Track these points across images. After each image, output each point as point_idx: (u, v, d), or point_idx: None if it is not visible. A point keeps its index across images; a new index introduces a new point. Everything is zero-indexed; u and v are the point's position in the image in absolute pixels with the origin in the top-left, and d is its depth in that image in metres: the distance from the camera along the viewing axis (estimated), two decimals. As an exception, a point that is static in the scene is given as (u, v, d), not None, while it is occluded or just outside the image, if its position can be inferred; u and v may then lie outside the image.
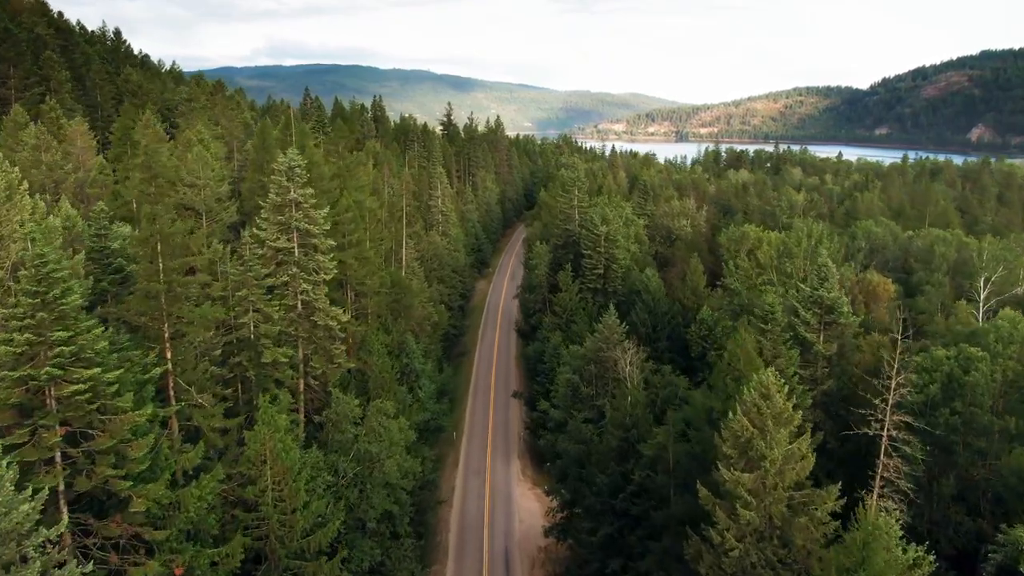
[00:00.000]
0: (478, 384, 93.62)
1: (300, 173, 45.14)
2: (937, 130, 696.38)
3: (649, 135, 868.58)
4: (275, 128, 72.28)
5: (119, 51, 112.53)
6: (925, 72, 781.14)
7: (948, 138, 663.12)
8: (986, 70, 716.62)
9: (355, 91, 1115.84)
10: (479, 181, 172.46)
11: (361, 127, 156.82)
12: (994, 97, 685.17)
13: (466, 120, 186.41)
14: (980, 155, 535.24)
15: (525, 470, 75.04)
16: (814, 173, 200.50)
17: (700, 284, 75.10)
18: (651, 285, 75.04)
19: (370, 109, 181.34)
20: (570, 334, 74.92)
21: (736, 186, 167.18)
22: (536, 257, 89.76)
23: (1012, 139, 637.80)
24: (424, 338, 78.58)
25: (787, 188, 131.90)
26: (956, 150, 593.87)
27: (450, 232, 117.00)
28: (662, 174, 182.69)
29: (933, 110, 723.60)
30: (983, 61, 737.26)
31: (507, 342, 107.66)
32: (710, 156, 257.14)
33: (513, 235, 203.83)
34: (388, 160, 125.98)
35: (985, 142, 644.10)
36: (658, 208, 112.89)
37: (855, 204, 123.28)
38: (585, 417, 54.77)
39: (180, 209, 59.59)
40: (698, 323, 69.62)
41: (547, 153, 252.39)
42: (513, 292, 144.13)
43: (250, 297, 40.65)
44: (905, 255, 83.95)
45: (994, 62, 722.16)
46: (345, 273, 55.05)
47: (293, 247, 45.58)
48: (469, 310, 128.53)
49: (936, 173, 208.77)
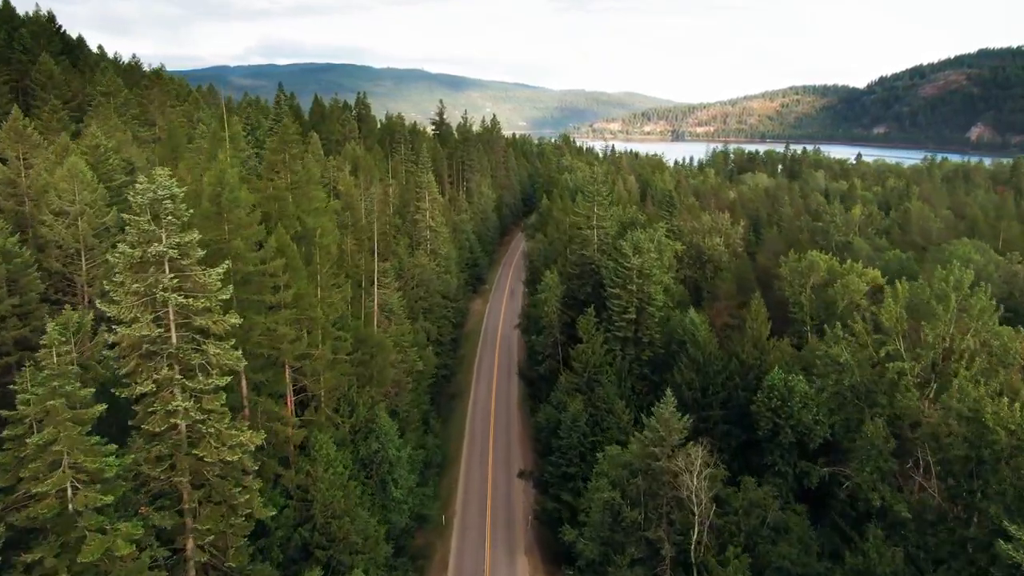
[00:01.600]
0: (473, 444, 74.85)
1: (176, 208, 26.43)
2: (936, 129, 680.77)
3: (645, 134, 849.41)
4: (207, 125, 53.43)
5: (49, 37, 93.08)
6: (923, 71, 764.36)
7: (947, 137, 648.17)
8: (984, 69, 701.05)
9: (349, 90, 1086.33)
10: (474, 187, 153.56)
11: (342, 126, 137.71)
12: (993, 96, 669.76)
13: (460, 119, 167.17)
14: (980, 154, 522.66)
15: (536, 573, 56.60)
16: (838, 176, 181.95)
17: (764, 333, 56.62)
18: (699, 335, 56.54)
19: (354, 107, 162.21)
20: (594, 399, 56.42)
21: (759, 193, 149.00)
22: (544, 289, 71.04)
23: (1012, 138, 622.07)
24: (405, 396, 60.00)
25: (836, 202, 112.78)
26: (956, 149, 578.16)
27: (440, 250, 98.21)
28: (674, 178, 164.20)
29: (932, 109, 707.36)
30: (981, 60, 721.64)
31: (508, 385, 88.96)
32: (718, 157, 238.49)
33: (511, 243, 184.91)
34: (368, 167, 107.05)
35: (985, 141, 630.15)
36: (683, 222, 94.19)
37: (907, 218, 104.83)
38: (633, 558, 36.45)
39: (47, 247, 40.66)
40: (767, 390, 51.33)
41: (547, 154, 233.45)
42: (514, 312, 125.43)
43: (64, 438, 21.97)
44: (1010, 290, 65.67)
45: (992, 60, 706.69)
46: (277, 347, 36.39)
47: (166, 334, 26.87)
48: (463, 337, 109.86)
49: (966, 176, 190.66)
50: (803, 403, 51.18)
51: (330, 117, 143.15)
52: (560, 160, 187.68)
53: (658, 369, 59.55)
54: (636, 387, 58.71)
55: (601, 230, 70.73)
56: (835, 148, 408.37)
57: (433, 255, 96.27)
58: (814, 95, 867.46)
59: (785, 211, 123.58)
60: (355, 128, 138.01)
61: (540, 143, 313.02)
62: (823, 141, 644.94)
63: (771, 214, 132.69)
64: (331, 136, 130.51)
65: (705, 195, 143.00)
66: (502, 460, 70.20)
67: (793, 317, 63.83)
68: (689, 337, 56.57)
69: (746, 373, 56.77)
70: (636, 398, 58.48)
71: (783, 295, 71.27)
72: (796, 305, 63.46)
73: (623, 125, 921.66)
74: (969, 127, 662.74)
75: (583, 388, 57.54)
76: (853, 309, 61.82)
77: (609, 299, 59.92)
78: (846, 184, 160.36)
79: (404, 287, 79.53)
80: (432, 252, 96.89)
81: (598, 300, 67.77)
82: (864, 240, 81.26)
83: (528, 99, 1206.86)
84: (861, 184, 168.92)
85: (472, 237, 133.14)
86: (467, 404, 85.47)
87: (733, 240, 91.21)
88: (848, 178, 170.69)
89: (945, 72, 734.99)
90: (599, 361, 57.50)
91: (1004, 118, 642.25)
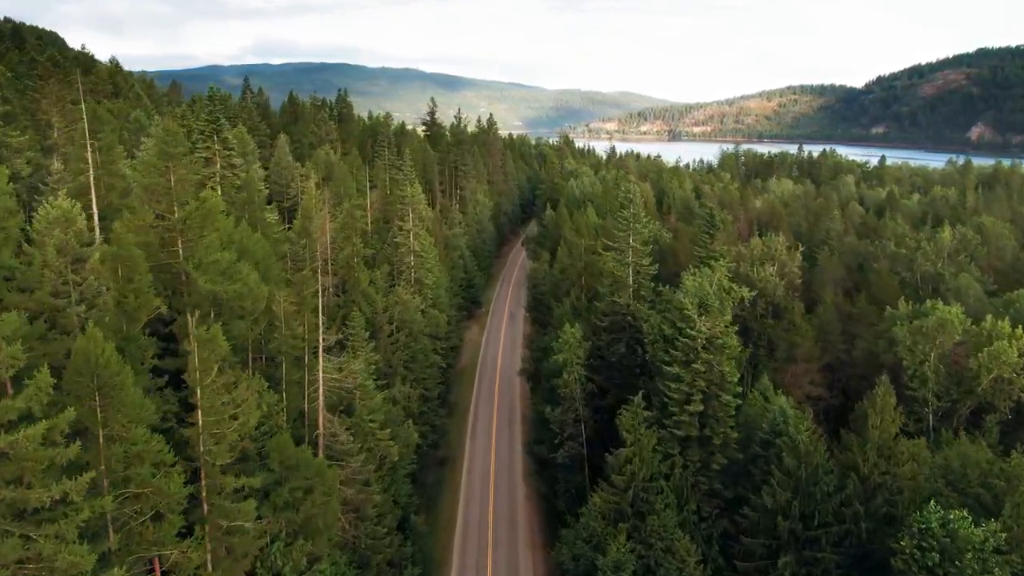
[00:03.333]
0: (467, 542, 55.98)
1: None
2: (936, 129, 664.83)
3: (642, 134, 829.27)
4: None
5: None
6: (921, 70, 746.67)
7: (947, 137, 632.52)
8: (983, 68, 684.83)
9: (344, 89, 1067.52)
10: (468, 195, 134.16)
11: (318, 128, 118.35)
12: (993, 95, 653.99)
13: (452, 119, 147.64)
14: (981, 154, 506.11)
15: None
16: (870, 182, 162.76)
17: (891, 431, 37.70)
18: (798, 437, 37.66)
19: (335, 106, 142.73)
20: (644, 532, 37.49)
21: (792, 202, 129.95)
22: (563, 347, 51.75)
23: (1013, 138, 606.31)
24: (368, 525, 40.91)
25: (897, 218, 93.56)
26: (956, 149, 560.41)
27: (427, 278, 79.06)
28: (692, 184, 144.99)
29: (931, 109, 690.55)
30: (980, 59, 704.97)
31: (510, 453, 70.16)
32: (729, 159, 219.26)
33: (510, 254, 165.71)
34: (343, 176, 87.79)
35: (986, 141, 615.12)
36: (727, 246, 75.09)
37: (985, 238, 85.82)
38: None
39: None
40: (916, 535, 32.91)
41: (548, 157, 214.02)
42: (514, 342, 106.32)
43: None
44: None
45: (991, 60, 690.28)
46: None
47: None
48: (456, 377, 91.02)
49: (1006, 181, 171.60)
50: (978, 560, 32.59)
51: (304, 117, 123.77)
52: (563, 163, 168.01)
53: (733, 481, 40.66)
54: (703, 510, 39.79)
55: (639, 270, 51.55)
56: (835, 148, 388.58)
57: (418, 286, 77.12)
58: (812, 95, 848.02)
59: (834, 228, 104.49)
60: (332, 129, 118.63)
61: (538, 143, 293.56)
62: (822, 141, 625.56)
63: (812, 230, 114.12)
64: (304, 139, 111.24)
65: (732, 206, 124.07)
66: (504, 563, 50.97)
67: (910, 394, 45.08)
68: (784, 442, 37.72)
69: (869, 495, 37.92)
70: (704, 526, 39.63)
71: (868, 349, 52.53)
72: (916, 379, 44.60)
73: (619, 125, 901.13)
74: (969, 127, 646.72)
75: (627, 513, 38.58)
76: (1001, 388, 43.08)
77: (662, 380, 40.69)
78: (883, 191, 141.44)
79: (378, 334, 60.39)
80: (417, 282, 77.76)
81: (635, 364, 48.73)
82: (964, 274, 62.11)
83: (523, 99, 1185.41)
84: (898, 190, 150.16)
85: (467, 254, 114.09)
86: (459, 477, 66.52)
87: (789, 270, 72.25)
88: (883, 183, 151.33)
89: (944, 72, 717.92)
90: (650, 473, 38.54)
91: (1004, 118, 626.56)
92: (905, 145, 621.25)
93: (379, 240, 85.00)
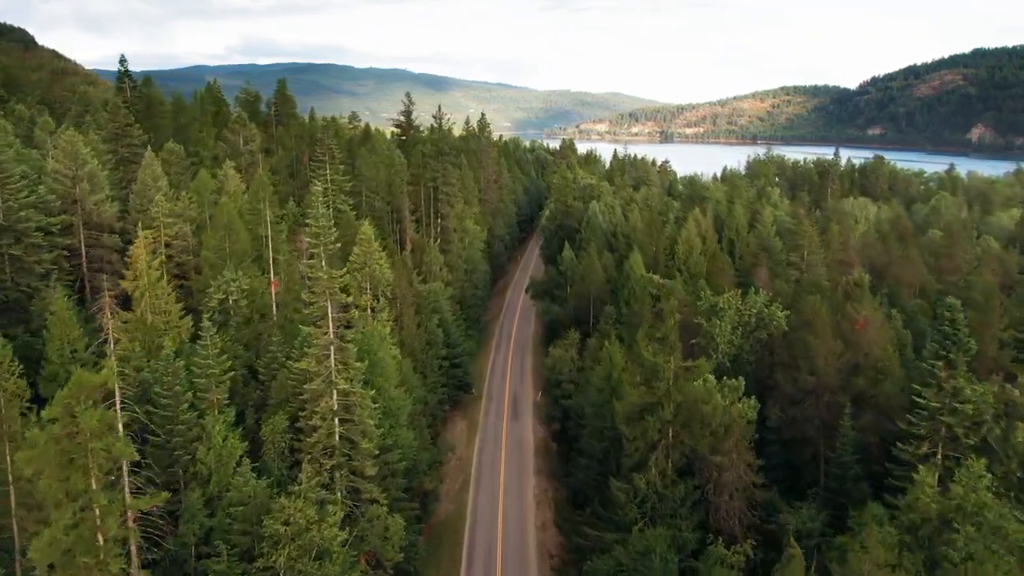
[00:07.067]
0: None
1: None
2: (934, 129, 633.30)
3: (633, 135, 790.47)
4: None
5: None
6: (917, 71, 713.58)
7: (946, 138, 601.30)
8: (980, 68, 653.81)
9: (331, 90, 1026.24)
10: (453, 223, 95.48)
11: (233, 134, 79.43)
12: (992, 96, 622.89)
13: (432, 120, 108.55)
14: (982, 156, 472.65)
15: None
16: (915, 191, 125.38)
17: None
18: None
19: (274, 104, 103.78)
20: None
21: (883, 234, 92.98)
22: None
23: (1015, 139, 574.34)
24: None
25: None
26: (957, 150, 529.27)
27: (368, 420, 40.65)
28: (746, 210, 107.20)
29: (928, 109, 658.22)
30: (976, 59, 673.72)
31: None
32: (762, 168, 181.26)
33: (507, 290, 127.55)
34: (229, 221, 49.07)
35: (986, 142, 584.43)
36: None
37: None
38: None
39: None
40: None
41: (548, 164, 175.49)
42: (523, 460, 68.67)
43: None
44: None
45: (987, 60, 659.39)
46: None
47: None
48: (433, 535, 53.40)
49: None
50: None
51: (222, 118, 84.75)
52: (576, 179, 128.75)
53: None
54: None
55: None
56: (830, 149, 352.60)
57: (361, 411, 38.69)
58: (805, 95, 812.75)
59: (985, 282, 67.09)
60: (255, 135, 79.69)
61: (534, 147, 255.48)
62: (817, 142, 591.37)
63: (941, 278, 77.34)
64: (203, 150, 72.40)
65: (809, 242, 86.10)
66: None
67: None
68: None
69: None
70: None
71: None
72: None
73: (610, 126, 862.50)
74: (968, 128, 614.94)
75: None
76: None
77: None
78: (999, 214, 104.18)
79: None
80: (357, 407, 39.21)
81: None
82: None
83: (512, 99, 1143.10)
84: (955, 203, 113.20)
85: (449, 318, 75.87)
86: None
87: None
88: (988, 205, 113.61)
89: (940, 72, 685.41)
90: None
91: (1005, 119, 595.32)
92: (904, 146, 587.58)
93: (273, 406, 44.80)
